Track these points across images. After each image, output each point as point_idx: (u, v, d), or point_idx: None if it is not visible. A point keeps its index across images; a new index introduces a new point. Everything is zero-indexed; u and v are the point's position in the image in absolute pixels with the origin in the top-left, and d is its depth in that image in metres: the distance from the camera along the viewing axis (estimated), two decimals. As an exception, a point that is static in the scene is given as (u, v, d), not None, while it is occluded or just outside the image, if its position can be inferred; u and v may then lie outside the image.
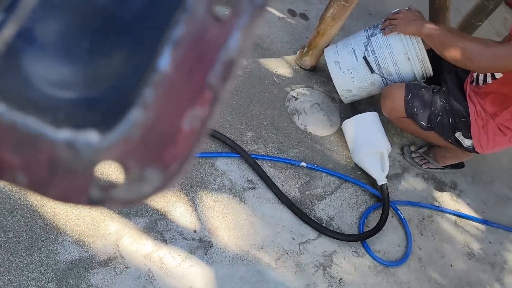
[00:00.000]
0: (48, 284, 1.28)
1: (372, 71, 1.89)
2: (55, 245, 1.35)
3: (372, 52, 1.86)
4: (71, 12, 0.32)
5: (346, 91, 2.01)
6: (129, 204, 0.29)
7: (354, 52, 1.91)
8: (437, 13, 2.31)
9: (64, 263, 1.33)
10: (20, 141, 0.26)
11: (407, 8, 1.84)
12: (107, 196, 0.28)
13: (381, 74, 1.89)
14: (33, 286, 1.26)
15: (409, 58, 1.80)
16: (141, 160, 0.27)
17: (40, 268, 1.30)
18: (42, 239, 1.35)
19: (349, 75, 1.95)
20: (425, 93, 1.75)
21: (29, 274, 1.28)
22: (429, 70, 1.82)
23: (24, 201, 1.40)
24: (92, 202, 0.28)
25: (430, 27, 1.67)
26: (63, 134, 0.26)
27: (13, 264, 1.28)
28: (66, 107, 0.29)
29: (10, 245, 1.31)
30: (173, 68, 0.26)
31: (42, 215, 1.39)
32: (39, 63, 0.31)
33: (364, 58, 1.88)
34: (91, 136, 0.26)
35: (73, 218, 1.42)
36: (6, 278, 1.25)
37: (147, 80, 0.26)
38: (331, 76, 2.01)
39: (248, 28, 0.27)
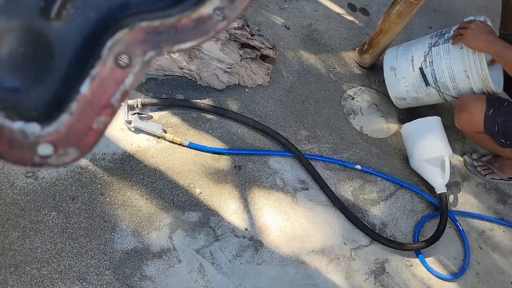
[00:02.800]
0: (106, 271, 1.32)
1: (427, 83, 1.79)
2: (113, 233, 1.39)
3: (430, 64, 1.76)
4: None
5: (399, 98, 1.93)
6: (57, 167, 0.52)
7: (412, 60, 1.82)
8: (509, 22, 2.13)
9: (120, 252, 1.37)
10: None
11: (481, 19, 1.70)
12: (44, 162, 0.45)
13: (437, 88, 1.79)
14: (92, 272, 1.31)
15: (468, 76, 1.68)
16: (65, 144, 0.45)
17: (98, 256, 1.34)
18: (101, 227, 1.39)
19: (403, 84, 1.87)
20: (508, 109, 1.62)
21: (88, 261, 1.33)
22: (491, 89, 1.69)
23: (85, 189, 1.44)
24: (34, 164, 0.45)
25: (501, 45, 1.55)
26: (18, 124, 0.43)
27: (74, 250, 1.33)
28: (16, 102, 0.45)
29: (71, 231, 1.36)
30: (89, 92, 0.44)
31: (102, 203, 1.44)
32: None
33: (420, 69, 1.79)
34: (35, 127, 0.43)
35: (130, 208, 1.45)
36: (67, 263, 1.30)
37: (73, 97, 0.44)
38: (385, 81, 1.94)
39: (138, 73, 0.46)
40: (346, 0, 2.47)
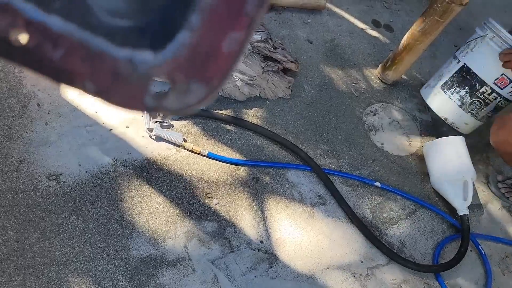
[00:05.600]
0: (121, 277, 1.33)
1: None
2: (129, 240, 1.40)
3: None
4: None
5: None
6: (177, 112, 0.35)
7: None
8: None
9: (136, 258, 1.37)
10: (89, 55, 0.31)
11: None
12: (159, 105, 0.34)
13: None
14: (107, 277, 1.32)
15: None
16: (187, 75, 0.33)
17: (114, 261, 1.35)
18: (118, 233, 1.41)
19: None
20: None
21: (104, 266, 1.34)
22: None
23: (105, 194, 1.47)
24: (148, 108, 0.34)
25: None
26: (124, 52, 0.32)
27: (91, 254, 1.35)
28: (121, 33, 0.34)
29: (90, 235, 1.38)
30: None
31: (120, 209, 1.45)
32: None
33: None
34: (147, 54, 0.32)
35: (148, 215, 1.46)
36: (84, 267, 1.32)
37: (194, 7, 0.31)
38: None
39: None
40: (370, 16, 2.47)
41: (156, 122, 1.65)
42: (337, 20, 2.37)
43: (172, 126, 1.70)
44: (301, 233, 1.58)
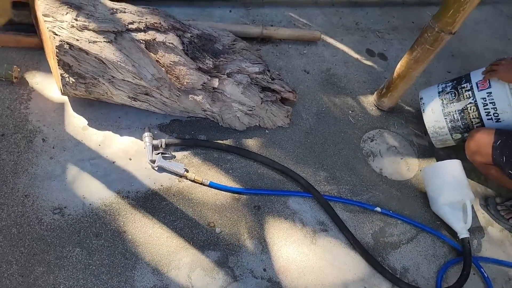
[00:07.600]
0: (125, 309, 1.33)
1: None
2: (133, 271, 1.41)
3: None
4: None
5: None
6: None
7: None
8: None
9: (140, 290, 1.38)
10: None
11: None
12: None
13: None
14: (111, 310, 1.32)
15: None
16: None
17: (118, 293, 1.36)
18: (122, 264, 1.42)
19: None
20: None
21: (108, 298, 1.34)
22: None
23: (109, 226, 1.48)
24: None
25: None
26: None
27: (95, 287, 1.35)
28: None
29: (94, 267, 1.39)
30: None
31: (124, 241, 1.47)
32: None
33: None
34: None
35: (151, 246, 1.48)
36: (88, 300, 1.32)
37: None
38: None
39: None
40: (364, 45, 2.55)
41: (158, 153, 1.69)
42: (332, 51, 2.44)
43: (174, 157, 1.74)
44: (303, 260, 1.59)
